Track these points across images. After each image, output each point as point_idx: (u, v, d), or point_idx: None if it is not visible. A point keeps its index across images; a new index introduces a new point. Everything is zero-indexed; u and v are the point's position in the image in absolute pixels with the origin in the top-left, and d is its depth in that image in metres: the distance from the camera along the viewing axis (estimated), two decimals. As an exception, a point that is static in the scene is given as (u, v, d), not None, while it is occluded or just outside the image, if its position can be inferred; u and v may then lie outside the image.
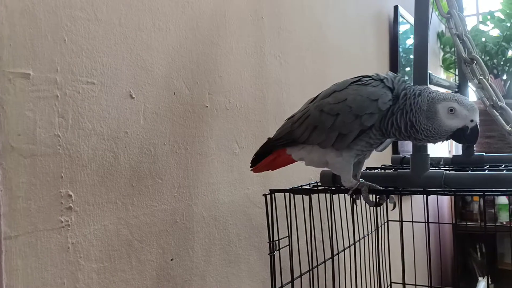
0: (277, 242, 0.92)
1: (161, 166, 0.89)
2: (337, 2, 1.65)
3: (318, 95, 0.92)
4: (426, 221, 0.85)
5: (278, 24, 1.28)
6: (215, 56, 1.04)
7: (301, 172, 1.36)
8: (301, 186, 1.02)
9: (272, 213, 0.92)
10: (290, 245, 0.94)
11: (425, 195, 0.79)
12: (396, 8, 2.10)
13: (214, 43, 1.04)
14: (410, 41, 2.75)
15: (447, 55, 2.77)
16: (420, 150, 0.95)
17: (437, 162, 1.45)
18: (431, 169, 0.95)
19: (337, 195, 0.96)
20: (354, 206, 0.91)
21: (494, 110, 0.79)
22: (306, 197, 0.97)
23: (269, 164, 0.99)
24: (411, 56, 2.80)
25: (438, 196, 1.12)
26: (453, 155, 1.40)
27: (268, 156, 0.97)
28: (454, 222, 0.81)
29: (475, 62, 0.86)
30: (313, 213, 1.00)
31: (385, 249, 1.50)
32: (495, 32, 2.75)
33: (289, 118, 0.96)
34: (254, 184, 1.16)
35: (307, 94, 1.42)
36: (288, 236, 0.95)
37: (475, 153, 1.37)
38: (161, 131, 0.89)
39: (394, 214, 1.58)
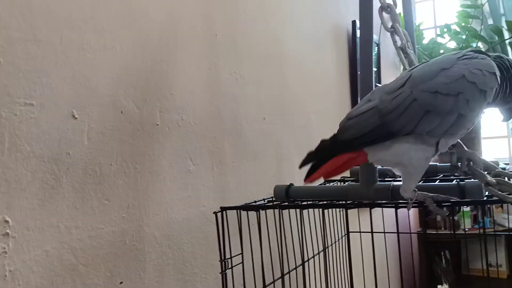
0: (229, 260, 0.91)
1: (108, 186, 0.87)
2: (293, 18, 1.67)
3: (395, 81, 0.81)
4: (371, 231, 0.86)
5: (233, 41, 1.29)
6: (165, 74, 1.04)
7: (261, 186, 1.37)
8: (255, 201, 1.02)
9: (224, 230, 0.91)
10: (242, 262, 0.93)
11: (369, 208, 0.80)
12: (354, 23, 2.15)
13: (165, 61, 1.04)
14: (372, 54, 2.82)
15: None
16: (368, 163, 0.96)
17: (393, 172, 1.48)
18: (379, 181, 0.97)
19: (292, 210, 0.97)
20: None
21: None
22: (263, 213, 0.96)
23: (334, 170, 0.83)
24: (374, 69, 2.88)
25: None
26: (409, 166, 1.43)
27: (330, 160, 0.81)
28: (397, 231, 0.82)
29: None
30: (268, 229, 1.00)
31: (344, 261, 1.51)
32: (452, 44, 2.85)
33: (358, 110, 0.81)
34: (210, 201, 1.15)
35: (266, 109, 1.44)
36: (241, 254, 0.94)
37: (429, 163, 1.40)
38: (107, 151, 0.88)
39: (354, 226, 1.60)
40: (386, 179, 1.34)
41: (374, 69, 2.88)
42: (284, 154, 1.55)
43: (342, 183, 1.39)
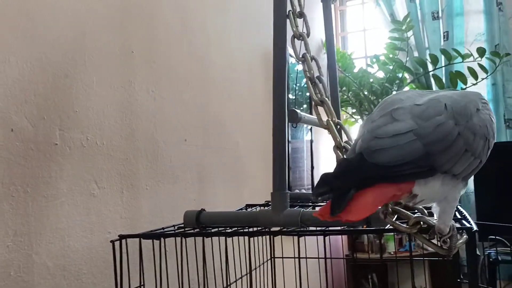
0: (127, 292, 0.85)
1: (-10, 212, 0.79)
2: (221, 41, 1.66)
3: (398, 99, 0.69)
4: (272, 256, 0.83)
5: (152, 58, 1.24)
6: (69, 90, 0.97)
7: (180, 210, 1.30)
8: (163, 228, 0.97)
9: (122, 261, 0.84)
10: (142, 295, 0.87)
11: (271, 236, 0.78)
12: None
13: (69, 76, 0.97)
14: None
15: (340, 93, 2.94)
16: (279, 188, 0.94)
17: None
18: (297, 206, 0.96)
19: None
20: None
21: (338, 151, 0.81)
22: (172, 241, 0.91)
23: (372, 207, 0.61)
24: (307, 94, 2.94)
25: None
26: (330, 191, 1.44)
27: (367, 193, 0.59)
28: (298, 257, 0.80)
29: (324, 104, 0.89)
30: (177, 258, 0.94)
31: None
32: (381, 74, 2.97)
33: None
34: (117, 227, 1.07)
35: (188, 131, 1.40)
36: (142, 286, 0.88)
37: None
38: (-9, 173, 0.79)
39: (277, 251, 1.57)
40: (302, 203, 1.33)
41: (308, 94, 2.94)
42: (208, 178, 1.51)
43: (266, 207, 1.37)
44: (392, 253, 2.63)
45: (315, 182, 2.69)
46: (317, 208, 1.33)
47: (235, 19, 1.81)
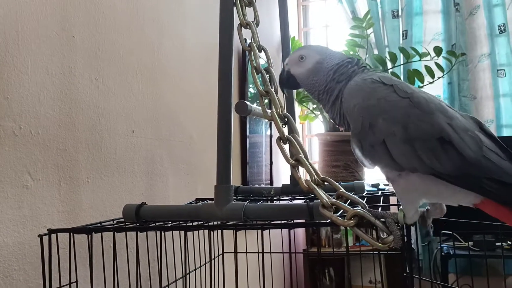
0: (57, 290, 0.80)
1: None
2: (174, 30, 1.61)
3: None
4: (223, 252, 0.81)
5: (96, 45, 1.19)
6: (0, 75, 0.90)
7: (122, 203, 1.26)
8: (100, 223, 0.92)
9: (50, 256, 0.79)
10: (74, 292, 0.82)
11: (208, 230, 0.75)
12: (244, 41, 2.15)
13: (0, 60, 0.91)
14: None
15: (300, 89, 2.93)
16: (223, 181, 0.92)
17: (268, 191, 1.47)
18: (234, 201, 0.93)
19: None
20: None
21: (281, 143, 0.80)
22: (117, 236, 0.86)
23: None
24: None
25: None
26: (282, 185, 1.43)
27: None
28: (235, 251, 0.79)
29: (270, 94, 0.87)
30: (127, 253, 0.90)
31: (219, 283, 1.45)
32: (341, 70, 2.99)
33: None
34: (54, 221, 1.02)
35: (136, 122, 1.34)
36: (75, 282, 0.83)
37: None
38: None
39: (229, 246, 1.55)
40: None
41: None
42: (158, 171, 1.46)
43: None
44: (349, 247, 2.66)
45: (274, 177, 2.68)
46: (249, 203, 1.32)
47: (190, 8, 1.76)
